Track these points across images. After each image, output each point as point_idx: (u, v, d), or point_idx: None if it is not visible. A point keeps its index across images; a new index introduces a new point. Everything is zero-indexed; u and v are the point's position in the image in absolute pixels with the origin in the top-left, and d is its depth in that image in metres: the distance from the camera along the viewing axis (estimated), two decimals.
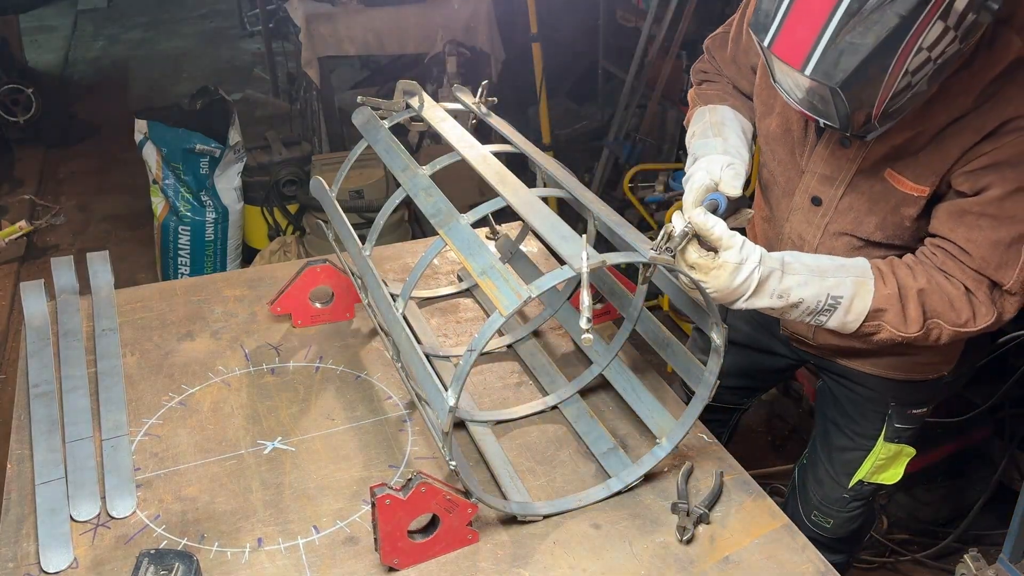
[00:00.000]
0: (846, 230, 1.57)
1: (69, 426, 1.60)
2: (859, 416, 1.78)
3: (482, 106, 1.84)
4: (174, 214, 3.96)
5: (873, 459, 1.79)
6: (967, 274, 1.40)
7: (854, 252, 1.56)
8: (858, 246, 1.57)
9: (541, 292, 1.24)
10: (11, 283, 4.25)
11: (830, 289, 1.40)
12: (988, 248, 1.37)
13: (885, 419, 1.75)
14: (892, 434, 1.76)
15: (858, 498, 1.87)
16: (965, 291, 1.40)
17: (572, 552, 1.40)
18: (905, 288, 1.41)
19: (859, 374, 1.74)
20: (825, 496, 1.90)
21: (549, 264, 2.13)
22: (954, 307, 1.40)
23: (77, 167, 5.65)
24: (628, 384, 1.69)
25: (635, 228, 1.40)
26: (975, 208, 1.38)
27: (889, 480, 1.82)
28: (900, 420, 1.75)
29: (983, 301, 1.40)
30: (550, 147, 4.58)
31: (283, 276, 2.02)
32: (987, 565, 2.01)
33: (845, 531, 1.93)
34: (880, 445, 1.78)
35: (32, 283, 1.94)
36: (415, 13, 4.49)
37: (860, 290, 1.41)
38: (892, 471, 1.81)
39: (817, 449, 1.91)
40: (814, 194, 1.59)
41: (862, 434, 1.79)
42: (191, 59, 7.54)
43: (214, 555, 1.38)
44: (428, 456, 1.59)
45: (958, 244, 1.40)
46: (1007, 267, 1.37)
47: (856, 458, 1.81)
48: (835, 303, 1.40)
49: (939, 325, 1.41)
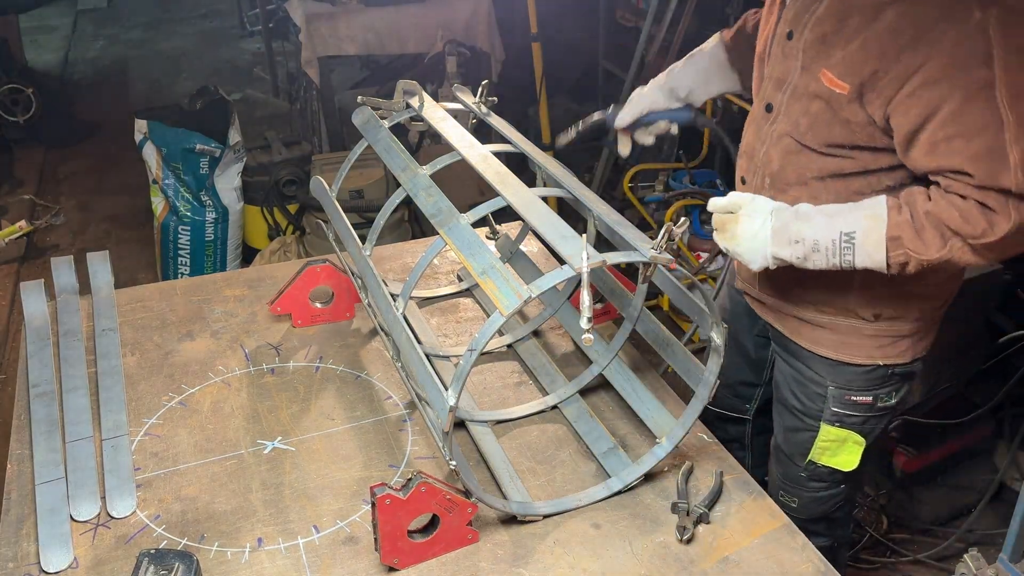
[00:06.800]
0: (786, 131, 1.63)
1: (69, 426, 1.60)
2: (804, 396, 1.82)
3: (482, 106, 1.84)
4: (174, 214, 3.96)
5: (817, 441, 1.82)
6: (971, 191, 1.41)
7: (793, 157, 1.63)
8: (796, 150, 1.62)
9: (541, 292, 1.24)
10: (11, 283, 4.25)
11: (841, 227, 1.46)
12: (973, 163, 1.39)
13: (824, 401, 1.78)
14: (832, 417, 1.78)
15: (815, 478, 1.88)
16: (976, 204, 1.40)
17: (572, 552, 1.40)
18: (916, 212, 1.43)
19: (801, 352, 1.79)
20: (786, 474, 1.93)
21: (549, 264, 2.13)
22: (968, 221, 1.40)
23: (77, 167, 5.65)
24: (628, 384, 1.69)
25: (635, 227, 1.40)
26: (939, 135, 1.41)
27: (843, 466, 1.83)
28: (839, 405, 1.77)
29: (996, 210, 1.39)
30: (550, 147, 4.58)
31: (283, 276, 2.02)
32: (987, 565, 2.01)
33: (815, 512, 1.95)
34: (822, 427, 1.80)
35: (32, 283, 1.94)
36: (415, 13, 4.49)
37: (873, 223, 1.45)
38: (844, 458, 1.83)
39: (775, 430, 1.95)
40: (768, 101, 1.68)
41: (807, 414, 1.82)
42: (191, 59, 7.53)
43: (214, 555, 1.38)
44: (428, 456, 1.59)
45: (946, 171, 1.43)
46: (1001, 172, 1.38)
47: (806, 439, 1.84)
48: (850, 238, 1.45)
49: (957, 239, 1.42)
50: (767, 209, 1.51)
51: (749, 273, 1.82)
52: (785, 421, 1.88)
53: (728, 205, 1.53)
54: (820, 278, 1.63)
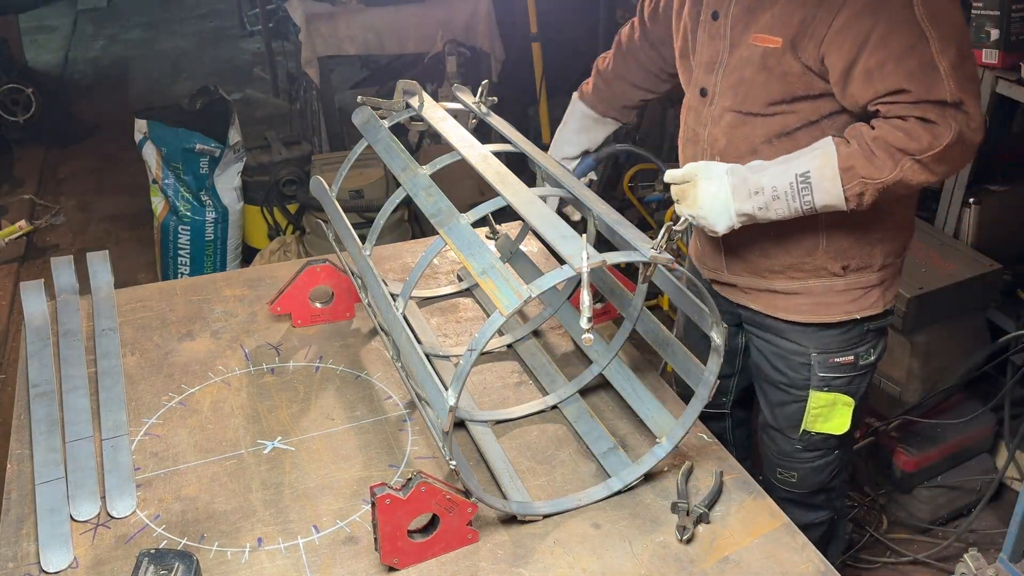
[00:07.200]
0: (726, 108, 1.68)
1: (69, 426, 1.60)
2: (788, 369, 1.85)
3: (482, 106, 1.84)
4: (174, 214, 3.96)
5: (808, 409, 1.86)
6: (910, 108, 1.47)
7: (738, 129, 1.68)
8: (739, 122, 1.67)
9: (541, 292, 1.24)
10: (11, 283, 4.25)
11: (795, 169, 1.52)
12: (908, 80, 1.45)
13: (810, 369, 1.82)
14: (820, 383, 1.82)
15: (810, 448, 1.90)
16: (917, 120, 1.47)
17: (572, 552, 1.40)
18: (864, 141, 1.49)
19: (778, 325, 1.82)
20: (780, 451, 1.96)
21: (549, 264, 2.13)
22: (913, 137, 1.46)
23: (77, 167, 5.65)
24: (628, 384, 1.69)
25: (635, 227, 1.40)
26: (871, 62, 1.47)
27: (836, 430, 1.87)
28: (824, 369, 1.81)
29: (937, 121, 1.46)
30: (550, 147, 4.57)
31: (283, 276, 2.02)
32: (987, 565, 2.01)
33: (814, 483, 1.97)
34: (812, 395, 1.84)
35: (32, 283, 1.94)
36: (415, 13, 4.49)
37: (824, 159, 1.50)
38: (836, 421, 1.86)
39: (762, 410, 1.97)
40: (701, 86, 1.73)
41: (793, 386, 1.85)
42: (191, 59, 7.53)
43: (214, 555, 1.38)
44: (428, 456, 1.59)
45: (883, 96, 1.49)
46: (934, 84, 1.45)
47: (797, 410, 1.87)
48: (806, 178, 1.50)
49: (909, 159, 1.47)
50: (722, 170, 1.56)
51: (715, 260, 1.86)
52: (771, 397, 1.91)
53: (684, 175, 1.58)
54: (786, 243, 1.72)
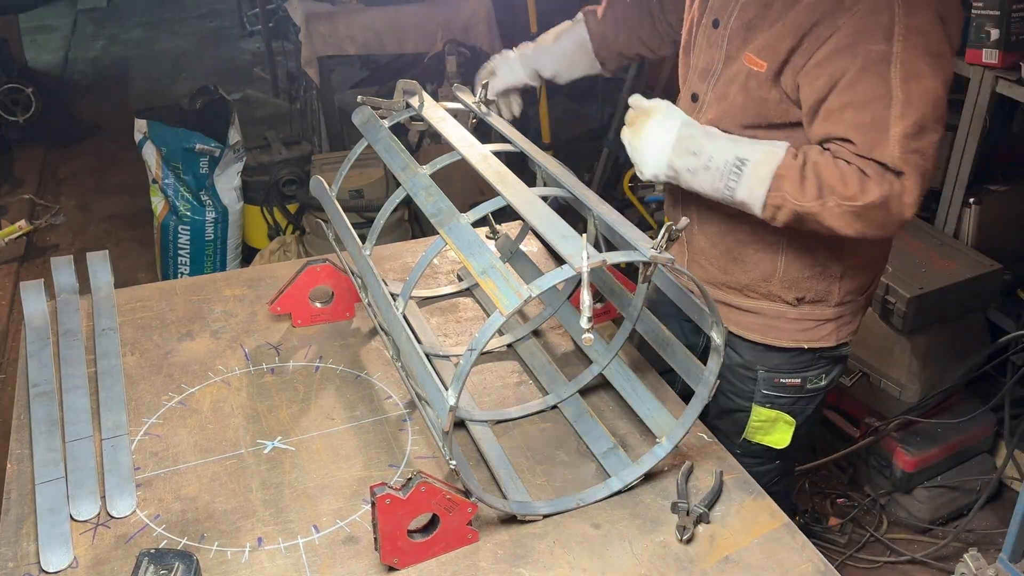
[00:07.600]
0: (712, 119, 1.67)
1: (69, 426, 1.60)
2: (734, 379, 1.86)
3: (482, 106, 1.84)
4: (174, 214, 3.96)
5: (750, 421, 1.88)
6: (853, 157, 1.47)
7: None
8: None
9: (541, 292, 1.24)
10: (11, 283, 4.25)
11: (738, 152, 1.52)
12: (857, 132, 1.45)
13: (755, 384, 1.83)
14: (763, 399, 1.84)
15: (750, 455, 1.92)
16: (858, 170, 1.47)
17: (572, 552, 1.40)
18: (807, 160, 1.49)
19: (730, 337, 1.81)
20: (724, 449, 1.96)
21: (549, 264, 2.13)
22: (844, 180, 1.46)
23: (77, 167, 5.65)
24: (628, 384, 1.69)
25: (635, 227, 1.40)
26: (834, 103, 1.47)
27: (776, 444, 1.88)
28: (768, 387, 1.83)
29: (873, 179, 1.46)
30: (550, 147, 4.58)
31: (283, 276, 2.02)
32: (987, 565, 2.01)
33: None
34: (754, 409, 1.86)
35: (32, 283, 1.94)
36: (415, 13, 4.49)
37: (768, 157, 1.50)
38: (776, 436, 1.88)
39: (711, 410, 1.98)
40: (693, 91, 1.73)
41: (739, 396, 1.88)
42: (191, 59, 7.53)
43: (214, 555, 1.38)
44: (428, 456, 1.59)
45: (835, 139, 1.49)
46: (880, 144, 1.44)
47: (740, 418, 1.89)
48: (742, 164, 1.51)
49: (832, 197, 1.47)
50: (680, 117, 1.57)
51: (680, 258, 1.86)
52: (719, 402, 1.93)
53: (648, 106, 1.60)
54: (745, 265, 1.73)
